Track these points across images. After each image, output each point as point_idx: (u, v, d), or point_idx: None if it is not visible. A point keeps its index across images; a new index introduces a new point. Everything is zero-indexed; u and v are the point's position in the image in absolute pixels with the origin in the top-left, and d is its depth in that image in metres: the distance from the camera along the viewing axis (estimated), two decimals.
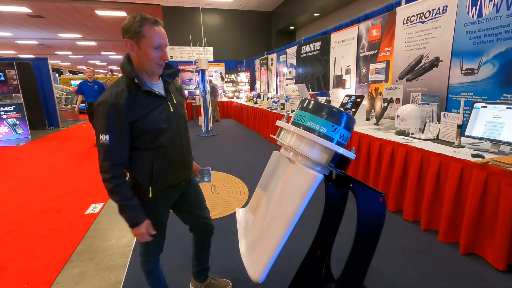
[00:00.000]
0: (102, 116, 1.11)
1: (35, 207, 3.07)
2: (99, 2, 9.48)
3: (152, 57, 1.14)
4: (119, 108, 1.11)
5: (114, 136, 1.12)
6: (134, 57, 1.16)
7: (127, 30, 1.12)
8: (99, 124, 1.12)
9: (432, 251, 2.08)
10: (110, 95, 1.12)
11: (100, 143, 1.12)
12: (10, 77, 7.17)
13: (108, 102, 1.10)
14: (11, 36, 13.92)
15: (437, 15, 3.00)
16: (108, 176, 1.13)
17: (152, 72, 1.20)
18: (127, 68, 1.16)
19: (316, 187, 0.97)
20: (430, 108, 2.81)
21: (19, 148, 6.14)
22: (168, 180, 1.29)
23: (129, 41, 1.13)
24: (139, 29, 1.10)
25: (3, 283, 1.88)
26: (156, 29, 1.13)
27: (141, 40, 1.12)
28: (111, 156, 1.13)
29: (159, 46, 1.15)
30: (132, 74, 1.14)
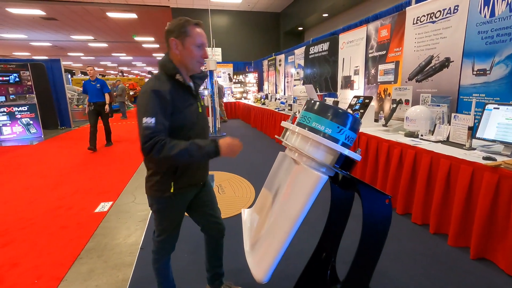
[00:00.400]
0: (147, 101, 1.14)
1: (47, 204, 3.15)
2: (110, 4, 9.66)
3: (194, 55, 1.23)
4: (163, 95, 1.16)
5: (159, 120, 1.13)
6: (177, 55, 1.23)
7: (172, 30, 1.21)
8: (144, 108, 1.13)
9: (441, 255, 2.04)
10: (154, 84, 1.18)
11: (144, 125, 1.11)
12: (25, 78, 7.36)
13: (153, 88, 1.16)
14: (26, 38, 14.31)
15: (448, 15, 2.94)
16: (158, 149, 1.11)
17: (193, 69, 1.28)
18: (169, 65, 1.23)
19: (320, 188, 0.96)
20: (440, 110, 2.76)
21: (32, 147, 6.29)
22: (190, 178, 1.33)
23: (175, 40, 1.21)
24: (184, 29, 1.20)
25: (15, 279, 1.93)
26: (198, 30, 1.23)
27: (185, 38, 1.21)
28: (155, 135, 1.12)
29: (201, 44, 1.24)
30: (175, 71, 1.22)
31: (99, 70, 32.85)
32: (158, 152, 1.10)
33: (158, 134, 1.11)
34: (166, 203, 1.32)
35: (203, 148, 1.16)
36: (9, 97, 7.22)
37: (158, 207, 1.34)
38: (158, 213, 1.37)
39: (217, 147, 1.18)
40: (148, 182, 1.32)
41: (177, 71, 1.22)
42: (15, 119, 7.27)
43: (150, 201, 1.36)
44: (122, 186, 3.65)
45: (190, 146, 1.14)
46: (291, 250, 2.05)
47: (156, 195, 1.30)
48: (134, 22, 11.82)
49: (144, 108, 1.14)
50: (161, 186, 1.28)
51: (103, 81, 5.72)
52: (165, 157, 1.11)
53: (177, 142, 1.14)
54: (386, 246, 2.16)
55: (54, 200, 3.28)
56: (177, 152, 1.11)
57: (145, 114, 1.12)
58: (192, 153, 1.14)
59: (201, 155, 1.16)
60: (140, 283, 1.85)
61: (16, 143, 6.82)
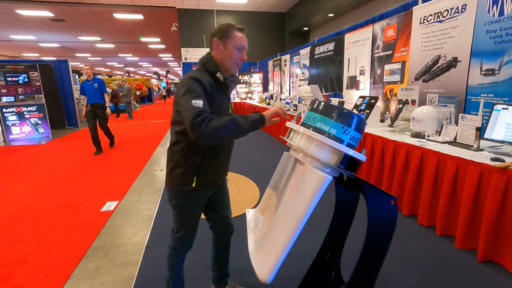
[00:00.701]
0: (193, 86, 1.20)
1: (54, 203, 3.19)
2: (117, 5, 9.75)
3: (234, 56, 1.30)
4: (206, 85, 1.23)
5: (206, 102, 1.18)
6: (217, 55, 1.31)
7: (217, 32, 1.30)
8: (191, 92, 1.18)
9: (447, 257, 2.02)
10: (195, 74, 1.25)
11: (193, 105, 1.14)
12: (33, 78, 7.48)
13: (198, 77, 1.22)
14: (35, 39, 14.54)
15: (456, 14, 2.91)
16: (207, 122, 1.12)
17: (230, 70, 1.34)
18: (212, 63, 1.30)
19: (325, 188, 0.96)
20: (447, 110, 2.73)
21: (41, 147, 6.39)
22: (212, 175, 1.37)
23: (217, 40, 1.30)
24: (227, 31, 1.29)
25: (24, 276, 1.96)
26: (240, 34, 1.32)
27: (227, 40, 1.29)
28: (202, 113, 1.14)
29: (241, 47, 1.32)
30: (217, 69, 1.29)
31: (106, 71, 33.21)
32: (207, 125, 1.11)
33: (206, 112, 1.15)
34: (187, 197, 1.34)
35: (248, 118, 1.19)
36: (18, 97, 7.35)
37: (178, 201, 1.36)
38: (178, 208, 1.39)
39: (262, 115, 1.21)
40: (170, 175, 1.35)
41: (218, 69, 1.28)
42: (24, 119, 7.40)
43: (170, 195, 1.39)
44: (128, 186, 3.68)
45: (236, 117, 1.17)
46: (295, 250, 2.05)
47: (178, 188, 1.33)
48: (140, 23, 11.92)
49: (190, 93, 1.18)
50: (184, 179, 1.31)
51: (101, 80, 5.31)
52: (214, 128, 1.11)
53: (223, 117, 1.17)
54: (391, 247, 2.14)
55: (61, 199, 3.32)
56: (224, 122, 1.13)
57: (193, 97, 1.17)
58: (238, 123, 1.16)
59: (247, 124, 1.18)
60: (146, 281, 1.87)
61: (25, 142, 6.93)
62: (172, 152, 1.35)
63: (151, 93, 21.20)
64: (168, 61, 25.12)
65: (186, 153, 1.30)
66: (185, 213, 1.40)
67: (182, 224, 1.42)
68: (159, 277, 1.89)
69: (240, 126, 1.16)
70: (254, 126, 1.20)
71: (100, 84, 5.22)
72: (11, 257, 2.18)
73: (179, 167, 1.31)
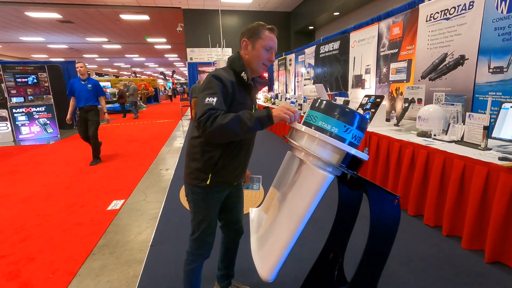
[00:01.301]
0: (212, 84, 1.19)
1: (62, 202, 3.25)
2: (124, 6, 9.85)
3: (262, 56, 1.27)
4: (226, 83, 1.20)
5: (220, 101, 1.16)
6: (245, 55, 1.29)
7: (247, 32, 1.29)
8: (207, 89, 1.18)
9: (454, 258, 1.99)
10: (219, 72, 1.24)
11: (205, 102, 1.14)
12: (42, 79, 7.61)
13: (220, 75, 1.21)
14: (44, 41, 14.79)
15: (463, 11, 2.86)
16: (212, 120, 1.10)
17: (257, 70, 1.31)
18: (239, 62, 1.29)
19: (326, 187, 0.96)
20: (454, 109, 2.69)
21: (49, 146, 6.50)
22: (228, 174, 1.34)
23: (246, 40, 1.28)
24: (257, 31, 1.27)
25: (32, 273, 2.00)
26: (271, 35, 1.28)
27: (257, 40, 1.26)
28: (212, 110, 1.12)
29: (270, 48, 1.28)
30: (243, 68, 1.27)
31: (113, 71, 33.56)
32: (212, 122, 1.09)
33: (216, 110, 1.12)
34: (201, 193, 1.32)
35: (254, 114, 1.13)
36: (27, 98, 7.49)
37: (193, 197, 1.35)
38: (193, 204, 1.37)
39: (269, 112, 1.14)
40: (187, 169, 1.35)
41: (244, 69, 1.26)
42: (33, 119, 7.53)
43: (187, 191, 1.38)
44: (133, 185, 3.72)
45: (242, 114, 1.12)
46: (298, 250, 2.05)
47: (193, 183, 1.31)
48: (147, 23, 12.02)
49: (207, 90, 1.18)
50: (199, 174, 1.30)
51: (96, 82, 4.58)
52: (218, 126, 1.09)
53: (229, 113, 1.13)
54: (397, 247, 2.13)
55: (68, 197, 3.38)
56: (228, 120, 1.09)
57: (208, 94, 1.16)
58: (243, 120, 1.10)
59: (252, 122, 1.11)
60: (150, 279, 1.88)
61: (34, 142, 7.06)
62: (190, 146, 1.34)
63: (157, 93, 21.36)
64: (174, 61, 25.29)
65: (203, 148, 1.29)
66: (200, 210, 1.36)
67: (197, 223, 1.37)
68: (164, 275, 1.90)
69: (244, 124, 1.10)
70: (260, 124, 1.13)
71: (95, 86, 4.51)
72: (20, 255, 2.22)
73: (196, 161, 1.31)
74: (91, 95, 4.49)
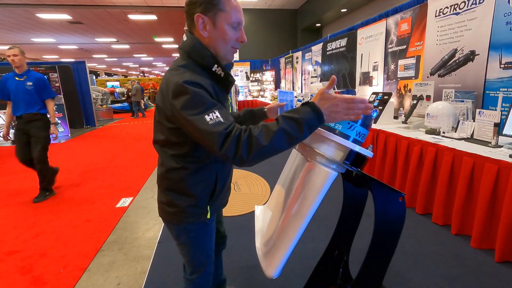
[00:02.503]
0: (197, 95, 0.83)
1: (73, 199, 3.32)
2: (132, 7, 9.96)
3: (229, 38, 0.93)
4: (208, 89, 0.87)
5: (221, 108, 0.85)
6: (204, 38, 0.93)
7: (199, 2, 0.89)
8: (197, 105, 0.83)
9: (463, 257, 1.96)
10: (192, 74, 0.88)
11: (210, 124, 0.81)
12: (53, 79, 7.76)
13: (195, 81, 0.85)
14: (54, 41, 15.08)
15: (473, 6, 2.79)
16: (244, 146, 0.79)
17: (224, 57, 0.96)
18: (206, 53, 0.92)
19: (330, 184, 0.96)
20: (464, 105, 2.63)
21: (60, 145, 6.64)
22: (223, 196, 1.15)
23: (202, 16, 0.90)
24: (217, 1, 0.89)
25: (44, 267, 2.06)
26: (235, 2, 0.93)
27: (218, 14, 0.90)
28: (230, 129, 0.82)
29: (238, 23, 0.94)
30: (214, 60, 0.93)
31: (122, 71, 33.87)
32: (246, 149, 0.79)
33: (232, 126, 0.82)
34: (200, 230, 1.08)
35: (301, 120, 0.79)
36: None
37: (190, 236, 1.07)
38: (190, 244, 1.09)
39: (317, 111, 0.80)
40: (172, 207, 1.02)
41: (215, 61, 0.93)
42: None
43: (177, 232, 1.07)
44: (142, 183, 3.77)
45: (284, 124, 0.79)
46: (303, 247, 2.05)
47: (188, 222, 1.04)
48: (154, 23, 12.12)
49: (198, 105, 0.83)
50: (194, 211, 1.03)
51: (41, 77, 3.10)
52: (259, 151, 0.79)
53: (263, 125, 0.82)
54: (404, 246, 2.11)
55: (79, 194, 3.45)
56: (272, 138, 0.78)
57: (204, 110, 0.82)
58: (291, 133, 0.79)
59: (302, 131, 0.80)
60: (157, 275, 1.92)
61: None
62: (171, 181, 1.01)
63: None
64: None
65: (192, 181, 0.99)
66: (201, 246, 1.11)
67: (198, 261, 1.12)
68: (170, 271, 1.93)
69: (292, 138, 0.80)
70: (311, 131, 0.82)
71: (39, 84, 3.03)
72: (32, 250, 2.29)
73: (186, 197, 1.01)
74: (33, 97, 2.99)
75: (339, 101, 0.81)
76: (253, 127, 0.82)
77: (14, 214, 2.96)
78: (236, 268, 1.92)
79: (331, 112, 0.82)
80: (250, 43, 11.34)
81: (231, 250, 2.07)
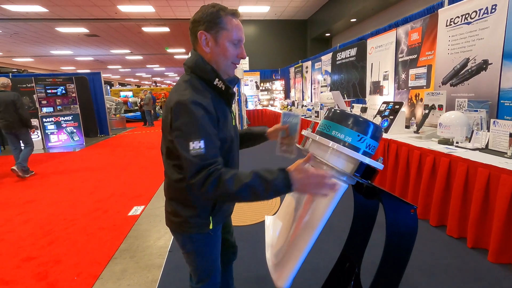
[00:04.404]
0: (190, 117, 0.87)
1: (86, 207, 3.40)
2: (146, 20, 10.30)
3: (230, 54, 0.98)
4: (209, 108, 0.91)
5: (210, 142, 0.88)
6: (207, 54, 0.99)
7: (203, 20, 0.95)
8: (187, 128, 0.87)
9: (480, 271, 1.90)
10: (192, 92, 0.92)
11: (191, 153, 0.86)
12: (70, 90, 8.05)
13: (195, 100, 0.89)
14: (72, 53, 15.69)
15: (485, 15, 2.78)
16: (213, 183, 0.85)
17: (225, 72, 1.02)
18: (206, 67, 0.97)
19: (340, 196, 0.96)
20: (478, 115, 2.59)
21: (75, 154, 6.83)
22: (227, 208, 1.15)
23: (205, 33, 0.96)
24: (219, 20, 0.95)
25: (59, 274, 2.10)
26: (236, 22, 0.98)
27: (220, 32, 0.96)
28: (208, 164, 0.87)
29: (239, 41, 1.00)
30: (215, 74, 0.98)
31: (135, 81, 34.79)
32: (213, 187, 0.84)
33: (211, 162, 0.86)
34: (205, 239, 1.09)
35: (271, 183, 0.85)
36: (56, 108, 7.93)
37: (195, 245, 1.09)
38: (195, 253, 1.12)
39: (289, 181, 0.85)
40: (177, 217, 1.06)
41: (216, 75, 0.98)
42: (61, 128, 7.96)
43: (182, 241, 1.10)
44: (153, 191, 3.83)
45: (254, 180, 0.84)
46: (314, 258, 2.03)
47: (192, 232, 1.07)
48: (167, 35, 12.47)
49: (187, 128, 0.87)
50: (197, 221, 1.05)
51: None
52: (223, 194, 0.85)
53: (236, 173, 0.87)
54: (418, 259, 2.06)
55: (93, 202, 3.53)
56: (238, 188, 0.84)
57: (190, 136, 0.86)
58: (257, 191, 0.85)
59: (268, 192, 0.85)
60: (168, 284, 1.93)
61: (61, 149, 7.44)
62: (176, 190, 1.05)
63: None
64: None
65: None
66: (206, 257, 1.13)
67: (204, 270, 1.14)
68: (181, 280, 1.94)
69: (257, 195, 0.86)
70: (276, 194, 0.87)
71: None
72: (48, 257, 2.34)
73: (189, 208, 1.04)
74: None
75: (312, 177, 0.87)
76: (227, 171, 0.87)
77: (31, 221, 3.05)
78: (246, 279, 1.92)
79: (302, 184, 0.87)
80: (260, 53, 11.50)
81: (240, 260, 2.07)
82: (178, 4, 8.93)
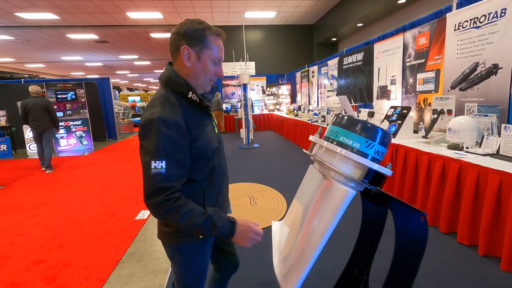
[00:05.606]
0: (155, 135, 0.89)
1: (94, 211, 3.43)
2: (153, 26, 10.48)
3: (210, 71, 1.02)
4: (179, 125, 0.92)
5: (172, 162, 0.90)
6: (187, 68, 1.00)
7: (188, 36, 0.97)
8: (150, 146, 0.90)
9: (492, 280, 1.85)
10: (163, 109, 0.93)
11: (152, 172, 0.89)
12: (79, 95, 8.20)
13: (162, 116, 0.90)
14: (81, 59, 16.02)
15: (495, 19, 2.75)
16: (166, 209, 0.89)
17: (203, 87, 1.06)
18: (180, 81, 0.99)
19: (348, 203, 0.96)
20: (488, 120, 2.55)
21: (84, 158, 6.93)
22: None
23: (188, 48, 0.97)
24: (204, 38, 0.98)
25: (67, 277, 2.13)
26: (219, 42, 1.02)
27: (203, 50, 0.98)
28: (165, 187, 0.89)
29: (220, 60, 1.04)
30: (188, 87, 0.99)
31: (143, 86, 35.28)
32: (165, 215, 0.90)
33: (169, 186, 0.89)
34: (195, 248, 1.08)
35: (218, 228, 0.95)
36: (66, 113, 8.08)
37: (185, 255, 1.08)
38: (184, 264, 1.10)
39: (233, 232, 0.99)
40: (166, 227, 1.06)
41: (189, 88, 0.99)
42: (71, 132, 8.10)
43: (171, 251, 1.09)
44: None
45: (205, 222, 0.93)
46: (322, 265, 2.01)
47: (182, 241, 1.06)
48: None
49: (150, 146, 0.89)
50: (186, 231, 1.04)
51: None
52: (173, 222, 0.92)
53: (192, 209, 0.92)
54: (428, 267, 2.03)
55: (101, 206, 3.57)
56: (188, 224, 0.92)
57: (153, 156, 0.88)
58: (202, 230, 0.94)
59: (210, 233, 0.96)
60: None
61: (71, 153, 7.56)
62: None
63: None
64: None
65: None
66: (194, 267, 1.11)
67: (190, 280, 1.12)
68: None
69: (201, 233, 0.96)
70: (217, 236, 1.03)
71: None
72: (57, 260, 2.37)
73: None
74: None
75: (251, 232, 1.04)
76: (185, 204, 0.91)
77: (41, 224, 3.10)
78: (252, 285, 1.91)
79: (241, 236, 1.02)
80: (267, 58, 11.56)
81: (247, 266, 2.07)
82: (185, 10, 9.08)
